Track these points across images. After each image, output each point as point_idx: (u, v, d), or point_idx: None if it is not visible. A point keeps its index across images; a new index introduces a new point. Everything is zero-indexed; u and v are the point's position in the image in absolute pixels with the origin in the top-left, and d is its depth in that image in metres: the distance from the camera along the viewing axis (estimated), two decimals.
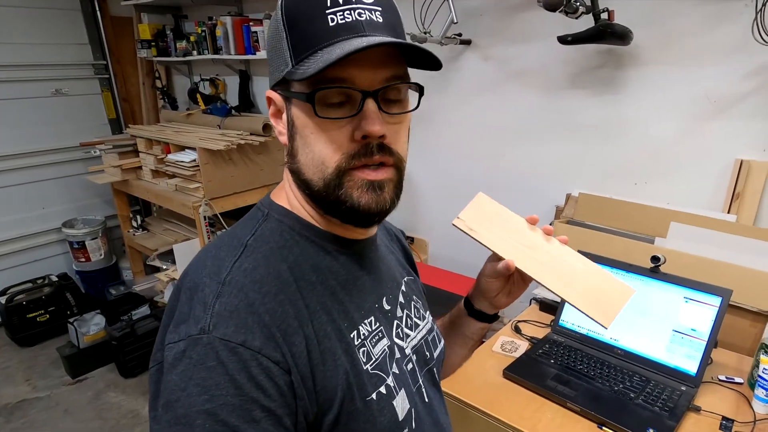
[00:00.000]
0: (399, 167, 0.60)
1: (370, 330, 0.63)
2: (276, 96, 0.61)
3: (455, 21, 1.82)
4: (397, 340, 0.68)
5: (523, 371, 1.25)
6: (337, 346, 0.58)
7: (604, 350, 1.31)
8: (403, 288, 0.75)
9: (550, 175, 1.91)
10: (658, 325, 1.25)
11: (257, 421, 0.49)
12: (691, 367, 1.19)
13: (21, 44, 3.08)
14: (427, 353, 0.75)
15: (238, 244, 0.59)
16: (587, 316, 0.68)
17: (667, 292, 1.25)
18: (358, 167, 0.57)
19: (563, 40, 1.54)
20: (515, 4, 1.83)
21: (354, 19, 0.54)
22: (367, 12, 0.54)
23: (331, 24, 0.53)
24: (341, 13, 0.53)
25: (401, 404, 0.63)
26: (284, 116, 0.60)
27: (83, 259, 3.25)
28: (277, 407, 0.51)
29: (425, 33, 1.88)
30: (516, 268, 0.71)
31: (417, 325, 0.75)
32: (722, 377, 1.23)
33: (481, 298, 0.83)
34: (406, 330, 0.71)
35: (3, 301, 2.94)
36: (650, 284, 1.28)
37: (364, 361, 0.61)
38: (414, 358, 0.71)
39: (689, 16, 1.47)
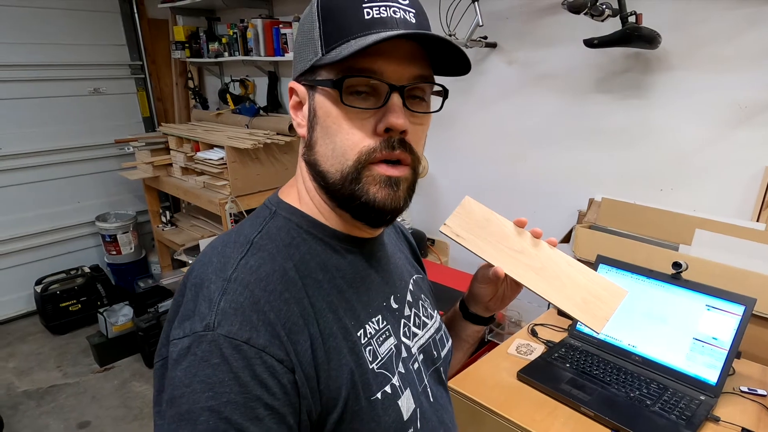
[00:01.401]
0: (415, 169, 0.60)
1: (377, 329, 0.63)
2: (299, 86, 0.61)
3: (481, 24, 1.82)
4: (404, 339, 0.68)
5: (537, 374, 1.24)
6: (343, 345, 0.58)
7: (622, 356, 1.29)
8: (411, 287, 0.75)
9: (573, 179, 1.89)
10: (678, 333, 1.23)
11: (261, 419, 0.50)
12: (711, 376, 1.16)
13: (63, 44, 3.21)
14: (435, 353, 0.74)
15: (244, 242, 0.59)
16: (578, 321, 0.68)
17: (689, 300, 1.23)
18: (377, 161, 0.56)
19: (589, 43, 1.53)
20: (541, 7, 1.82)
21: (389, 15, 0.55)
22: (401, 11, 0.56)
23: (366, 17, 0.54)
24: (377, 8, 0.54)
25: (406, 404, 0.63)
26: (305, 107, 0.60)
27: (114, 252, 3.36)
28: (280, 405, 0.51)
29: (451, 35, 1.89)
30: (506, 274, 0.71)
31: (425, 324, 0.74)
32: (744, 388, 1.20)
33: (476, 302, 0.84)
34: (413, 329, 0.71)
35: (38, 290, 3.07)
36: (671, 291, 1.26)
37: (370, 360, 0.60)
38: (420, 357, 0.71)
39: (720, 20, 1.44)
